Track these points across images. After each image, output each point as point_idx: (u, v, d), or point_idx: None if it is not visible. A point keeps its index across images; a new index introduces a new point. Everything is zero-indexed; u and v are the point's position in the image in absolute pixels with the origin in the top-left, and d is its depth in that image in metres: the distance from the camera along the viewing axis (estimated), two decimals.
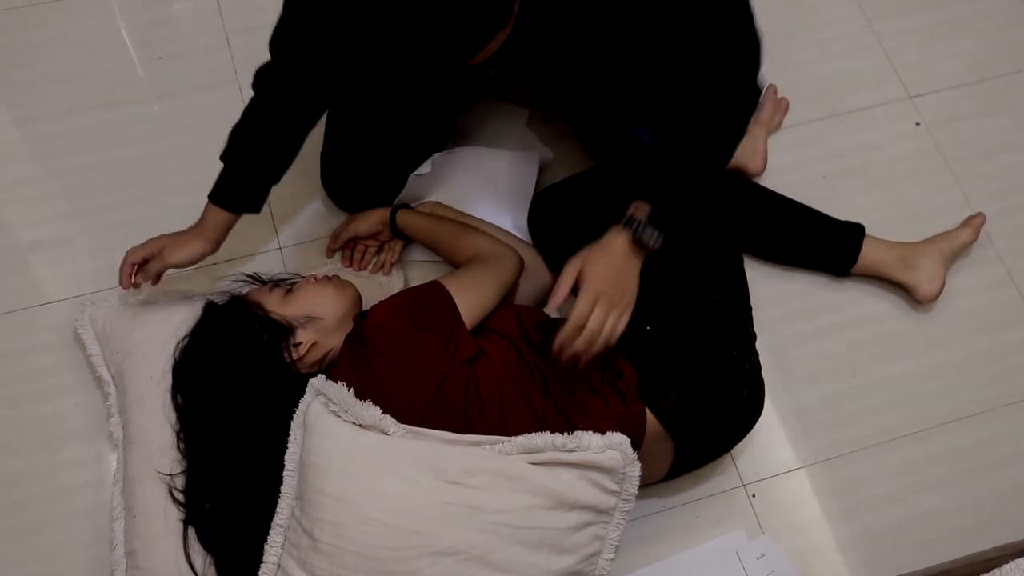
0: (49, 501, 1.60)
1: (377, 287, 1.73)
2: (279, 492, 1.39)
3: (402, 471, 1.32)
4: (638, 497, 1.60)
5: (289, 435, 1.40)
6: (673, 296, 1.52)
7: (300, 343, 1.45)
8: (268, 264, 1.79)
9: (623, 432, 1.37)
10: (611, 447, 1.36)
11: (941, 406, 1.74)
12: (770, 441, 1.69)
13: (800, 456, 1.69)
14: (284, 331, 1.45)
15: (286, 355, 1.44)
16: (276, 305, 1.49)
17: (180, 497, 1.46)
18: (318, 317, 1.48)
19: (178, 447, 1.48)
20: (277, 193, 1.84)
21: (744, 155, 1.88)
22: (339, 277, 1.58)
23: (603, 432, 1.36)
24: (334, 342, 1.49)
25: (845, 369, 1.76)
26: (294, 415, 1.40)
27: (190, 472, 1.47)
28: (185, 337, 1.51)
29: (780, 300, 1.80)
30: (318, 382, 1.41)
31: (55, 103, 1.93)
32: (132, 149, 1.90)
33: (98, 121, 1.92)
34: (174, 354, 1.51)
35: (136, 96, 1.96)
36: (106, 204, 1.84)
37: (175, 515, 1.46)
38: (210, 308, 1.51)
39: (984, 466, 1.70)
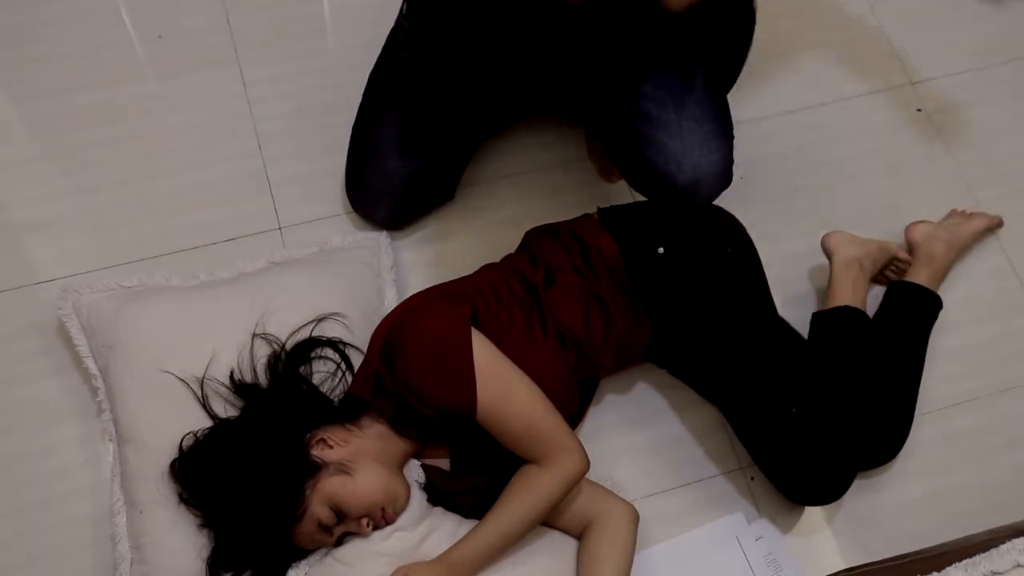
0: (49, 480, 1.59)
1: None
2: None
3: None
4: (635, 478, 1.62)
5: None
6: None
7: None
8: (268, 243, 1.78)
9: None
10: None
11: (938, 392, 1.74)
12: None
13: None
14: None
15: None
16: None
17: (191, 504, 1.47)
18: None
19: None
20: (276, 174, 1.85)
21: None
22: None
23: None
24: None
25: None
26: None
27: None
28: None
29: (782, 284, 1.79)
30: None
31: (53, 82, 1.92)
32: (131, 128, 1.89)
33: (96, 100, 1.91)
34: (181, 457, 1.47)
35: (135, 75, 1.95)
36: (104, 183, 1.83)
37: (182, 510, 1.46)
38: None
39: (981, 451, 1.70)
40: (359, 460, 1.39)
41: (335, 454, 1.39)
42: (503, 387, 1.38)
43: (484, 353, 1.38)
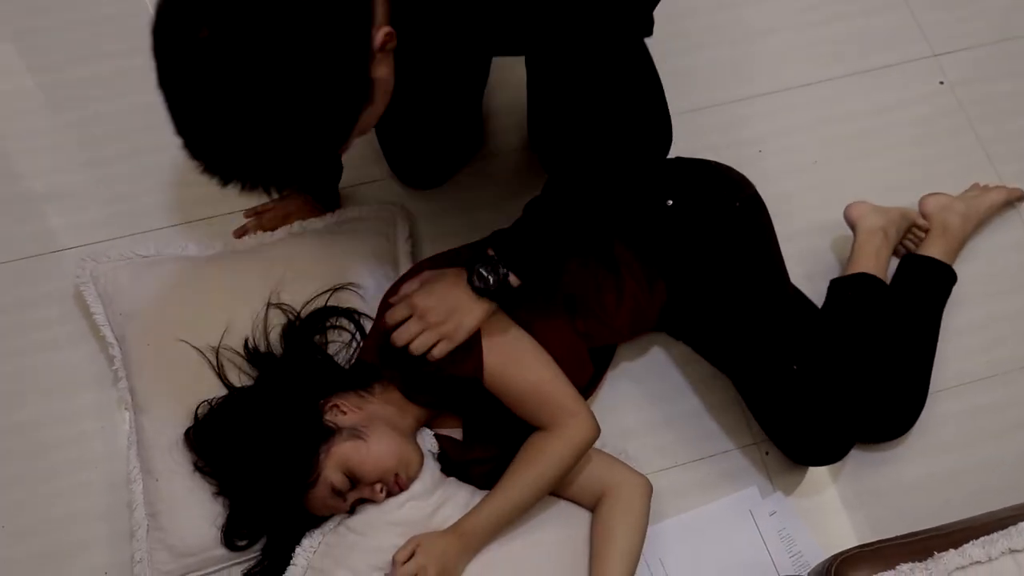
0: (65, 447, 1.60)
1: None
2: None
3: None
4: (650, 452, 1.61)
5: None
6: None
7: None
8: None
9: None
10: None
11: (957, 368, 1.72)
12: None
13: None
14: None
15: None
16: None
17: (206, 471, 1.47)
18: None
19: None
20: None
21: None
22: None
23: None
24: None
25: None
26: None
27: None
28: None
29: (802, 258, 1.78)
30: None
31: (69, 51, 1.92)
32: (146, 98, 1.84)
33: (112, 69, 1.90)
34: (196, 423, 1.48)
35: (150, 45, 1.94)
36: (120, 153, 1.83)
37: (197, 478, 1.47)
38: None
39: (998, 429, 1.69)
40: (372, 425, 1.40)
41: (348, 419, 1.40)
42: (510, 353, 1.39)
43: (490, 318, 1.38)
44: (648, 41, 1.34)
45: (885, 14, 2.06)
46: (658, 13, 1.36)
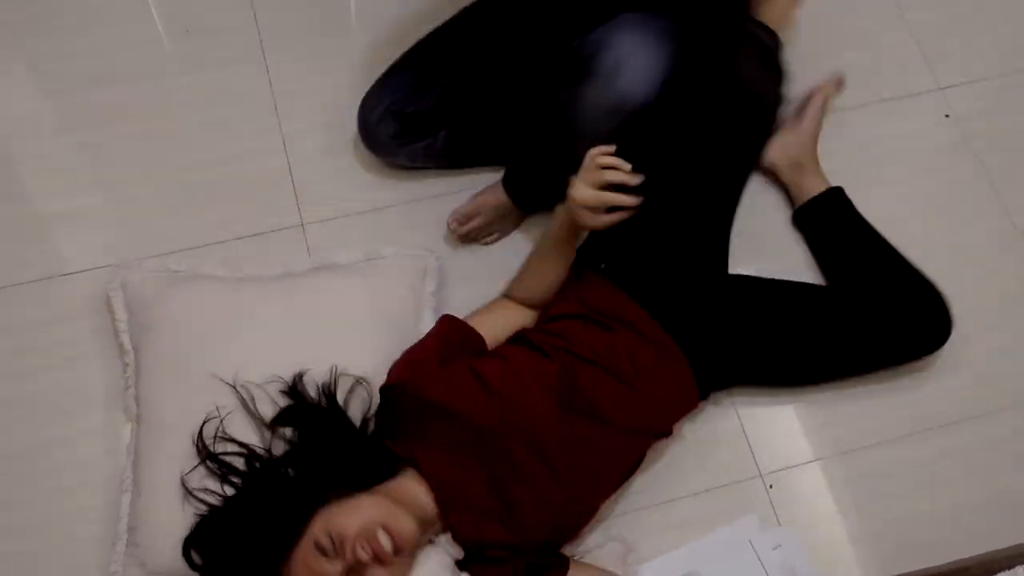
0: (67, 471, 1.61)
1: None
2: None
3: None
4: (651, 484, 1.61)
5: None
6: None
7: None
8: (289, 241, 1.79)
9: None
10: None
11: (965, 401, 1.72)
12: (789, 432, 1.69)
13: (819, 448, 1.68)
14: None
15: None
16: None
17: (195, 495, 1.45)
18: None
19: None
20: (300, 171, 1.85)
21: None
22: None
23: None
24: None
25: None
26: None
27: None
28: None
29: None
30: None
31: (81, 74, 1.93)
32: (157, 122, 1.90)
33: (123, 93, 1.92)
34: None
35: (162, 69, 1.96)
36: (130, 176, 1.85)
37: (179, 498, 1.46)
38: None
39: (1004, 463, 1.68)
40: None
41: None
42: None
43: None
44: None
45: (890, 47, 2.07)
46: None
